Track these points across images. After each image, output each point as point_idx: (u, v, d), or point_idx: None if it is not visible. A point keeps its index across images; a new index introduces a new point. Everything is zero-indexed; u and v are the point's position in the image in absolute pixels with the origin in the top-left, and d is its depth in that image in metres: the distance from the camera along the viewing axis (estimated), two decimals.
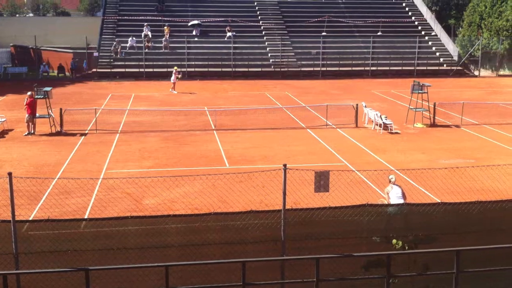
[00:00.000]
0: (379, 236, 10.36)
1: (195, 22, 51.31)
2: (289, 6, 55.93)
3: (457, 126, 27.53)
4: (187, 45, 47.33)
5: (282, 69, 47.72)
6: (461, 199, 13.11)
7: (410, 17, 56.34)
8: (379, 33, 52.39)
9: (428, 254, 10.01)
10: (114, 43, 47.74)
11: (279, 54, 48.71)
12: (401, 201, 13.58)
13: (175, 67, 40.29)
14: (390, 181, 14.27)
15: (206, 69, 46.43)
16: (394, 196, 13.97)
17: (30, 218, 14.28)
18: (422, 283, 9.99)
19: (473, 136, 25.52)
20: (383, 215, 10.69)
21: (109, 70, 46.18)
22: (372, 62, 48.80)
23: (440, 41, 53.10)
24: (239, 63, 47.45)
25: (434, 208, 10.63)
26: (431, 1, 59.26)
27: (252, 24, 52.68)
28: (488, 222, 10.86)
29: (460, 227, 10.75)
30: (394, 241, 10.11)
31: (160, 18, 51.51)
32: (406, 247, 10.04)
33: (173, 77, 38.68)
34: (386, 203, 14.31)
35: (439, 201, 11.78)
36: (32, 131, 25.20)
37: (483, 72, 51.18)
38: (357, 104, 27.60)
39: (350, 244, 10.28)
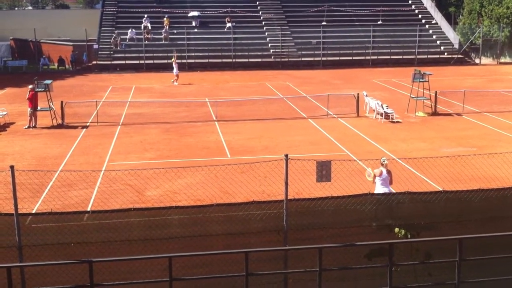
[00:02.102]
0: (381, 225, 10.36)
1: (195, 13, 51.14)
2: None
3: (459, 115, 27.49)
4: (187, 36, 47.20)
5: (282, 59, 47.61)
6: (463, 187, 13.11)
7: (410, 5, 56.10)
8: (379, 22, 52.21)
9: (431, 243, 10.01)
10: (114, 35, 47.63)
11: (279, 44, 48.57)
12: (386, 190, 13.60)
13: (174, 53, 39.82)
14: (382, 164, 14.19)
15: (206, 60, 46.35)
16: (378, 184, 13.97)
17: (33, 211, 14.32)
18: (425, 271, 10.00)
19: (475, 124, 25.49)
20: (385, 203, 10.68)
21: (109, 62, 46.09)
22: (372, 51, 48.67)
23: (441, 29, 52.90)
24: (239, 53, 47.32)
25: (436, 196, 10.62)
26: None
27: (251, 14, 52.51)
28: (490, 210, 10.85)
29: (462, 215, 10.75)
30: (396, 229, 10.12)
31: (159, 9, 51.35)
32: (409, 236, 10.05)
33: (175, 70, 38.41)
34: (372, 174, 14.31)
35: (441, 190, 11.76)
36: (34, 124, 25.21)
37: (484, 60, 51.05)
38: (358, 94, 27.56)
39: (352, 233, 10.27)
